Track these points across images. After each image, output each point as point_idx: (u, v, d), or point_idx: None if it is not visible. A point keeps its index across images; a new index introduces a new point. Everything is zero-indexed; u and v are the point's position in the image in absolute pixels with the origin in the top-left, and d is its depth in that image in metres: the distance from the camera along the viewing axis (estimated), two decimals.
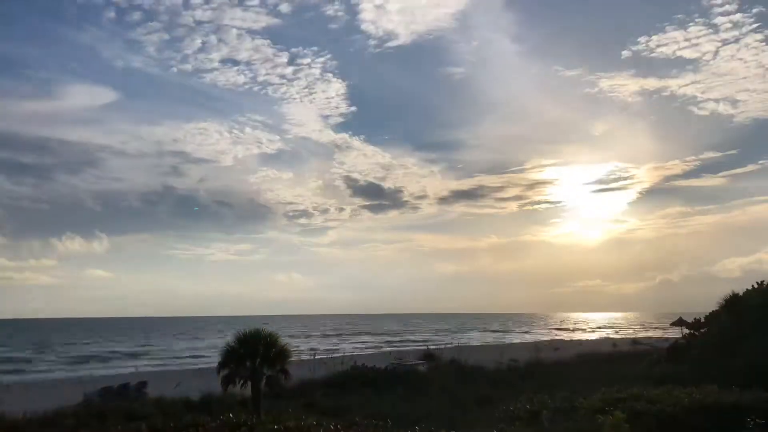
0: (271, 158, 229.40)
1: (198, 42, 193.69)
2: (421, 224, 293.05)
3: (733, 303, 26.03)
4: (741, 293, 26.29)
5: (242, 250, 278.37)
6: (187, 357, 67.70)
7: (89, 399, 25.00)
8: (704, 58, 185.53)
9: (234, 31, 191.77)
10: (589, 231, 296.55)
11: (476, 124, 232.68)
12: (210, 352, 59.73)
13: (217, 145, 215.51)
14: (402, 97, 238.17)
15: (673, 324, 61.53)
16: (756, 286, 25.96)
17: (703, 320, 29.54)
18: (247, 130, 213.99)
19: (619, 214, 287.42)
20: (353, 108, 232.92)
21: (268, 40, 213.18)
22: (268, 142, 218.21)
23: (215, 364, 17.71)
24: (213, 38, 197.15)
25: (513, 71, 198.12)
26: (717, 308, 27.42)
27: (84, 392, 26.75)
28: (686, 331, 34.45)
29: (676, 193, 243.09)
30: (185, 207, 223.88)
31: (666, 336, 68.54)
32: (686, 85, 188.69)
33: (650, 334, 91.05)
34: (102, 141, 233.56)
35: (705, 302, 28.84)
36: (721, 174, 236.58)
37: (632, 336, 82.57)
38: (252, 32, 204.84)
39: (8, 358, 67.55)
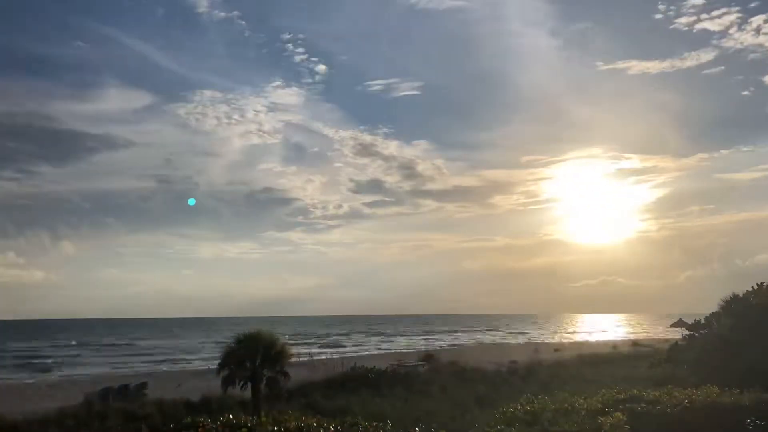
0: (259, 149, 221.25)
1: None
2: (425, 222, 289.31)
3: (733, 304, 26.02)
4: (741, 294, 26.29)
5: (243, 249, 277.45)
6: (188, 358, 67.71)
7: (90, 399, 25.02)
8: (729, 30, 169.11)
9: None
10: (610, 228, 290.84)
11: (491, 116, 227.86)
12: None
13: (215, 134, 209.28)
14: (409, 84, 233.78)
15: (673, 325, 61.55)
16: (756, 287, 25.94)
17: (703, 321, 29.54)
18: (235, 116, 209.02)
19: (642, 210, 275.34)
20: (351, 95, 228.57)
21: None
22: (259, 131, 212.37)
23: (215, 365, 17.72)
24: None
25: (533, 60, 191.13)
26: (717, 309, 27.41)
27: (84, 393, 26.77)
28: (686, 332, 34.47)
29: (703, 188, 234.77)
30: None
31: (666, 337, 68.49)
32: (710, 65, 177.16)
33: (652, 335, 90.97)
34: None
35: None
36: (756, 168, 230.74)
37: (634, 337, 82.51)
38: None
39: (9, 358, 67.56)
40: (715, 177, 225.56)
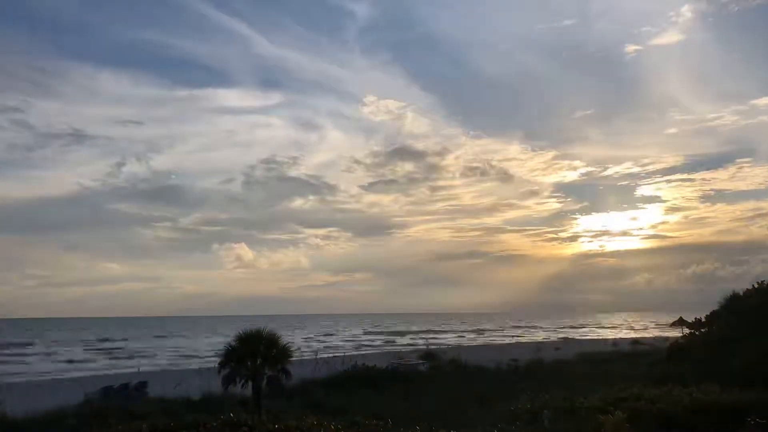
0: None
1: None
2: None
3: (733, 303, 26.03)
4: (741, 293, 26.30)
5: None
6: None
7: (90, 399, 25.02)
8: None
9: None
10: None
11: None
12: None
13: None
14: None
15: (674, 324, 61.56)
16: (756, 286, 25.94)
17: (703, 320, 29.57)
18: None
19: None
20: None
21: None
22: None
23: (216, 364, 17.72)
24: None
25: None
26: (717, 308, 27.43)
27: (85, 392, 26.77)
28: (687, 331, 34.47)
29: None
30: None
31: (666, 336, 68.47)
32: None
33: (650, 334, 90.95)
34: None
35: None
36: None
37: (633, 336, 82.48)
38: None
39: (10, 357, 67.62)
40: None
